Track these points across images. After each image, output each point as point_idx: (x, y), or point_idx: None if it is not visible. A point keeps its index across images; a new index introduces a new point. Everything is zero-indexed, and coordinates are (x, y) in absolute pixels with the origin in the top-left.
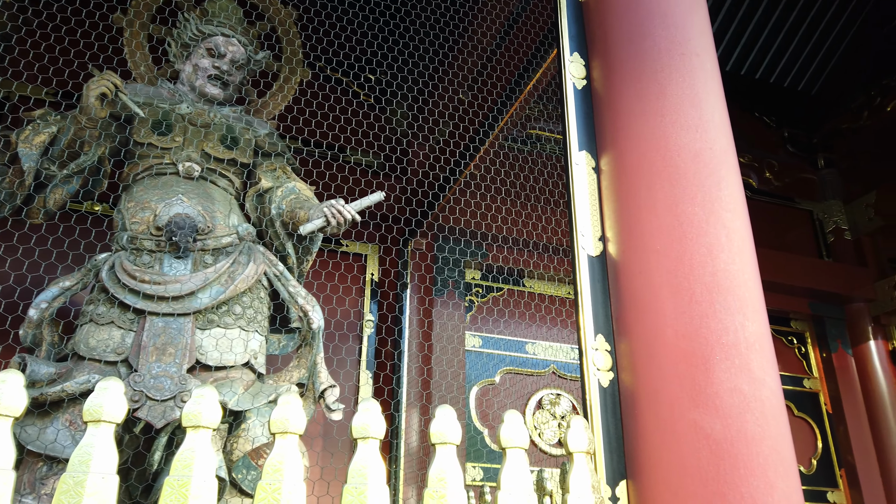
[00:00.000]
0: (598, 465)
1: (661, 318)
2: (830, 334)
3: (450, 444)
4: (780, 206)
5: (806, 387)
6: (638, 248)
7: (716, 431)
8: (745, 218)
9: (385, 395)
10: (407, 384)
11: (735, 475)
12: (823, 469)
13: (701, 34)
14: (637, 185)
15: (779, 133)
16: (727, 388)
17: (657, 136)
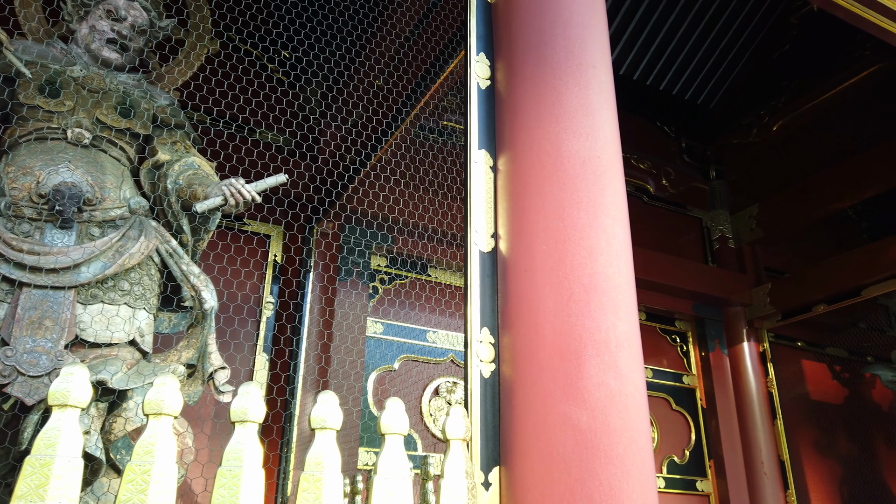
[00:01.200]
0: (473, 452)
1: (541, 314)
2: (709, 335)
3: (329, 429)
4: (673, 212)
5: (685, 383)
6: (526, 247)
7: (582, 423)
8: (625, 224)
9: (282, 379)
10: (304, 369)
11: (596, 463)
12: (695, 459)
13: (599, 48)
14: (529, 186)
15: (677, 143)
16: (596, 382)
17: (551, 141)
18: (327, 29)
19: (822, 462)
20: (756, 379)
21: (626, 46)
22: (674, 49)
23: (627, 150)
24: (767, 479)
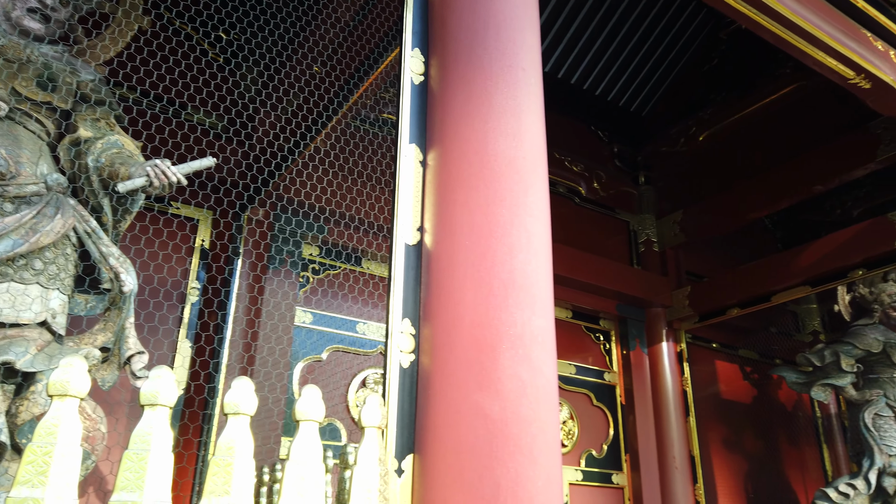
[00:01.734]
0: (388, 440)
1: (461, 307)
2: (631, 334)
3: (242, 414)
4: (603, 215)
5: (606, 380)
6: (450, 241)
7: (494, 413)
8: (546, 223)
9: (206, 367)
10: (229, 357)
11: (505, 452)
12: (612, 453)
13: (529, 51)
14: (456, 182)
15: (610, 148)
16: (509, 374)
17: (479, 139)
18: (266, 10)
19: (730, 458)
20: (672, 377)
21: (564, 51)
22: (610, 56)
23: (562, 152)
24: (678, 472)
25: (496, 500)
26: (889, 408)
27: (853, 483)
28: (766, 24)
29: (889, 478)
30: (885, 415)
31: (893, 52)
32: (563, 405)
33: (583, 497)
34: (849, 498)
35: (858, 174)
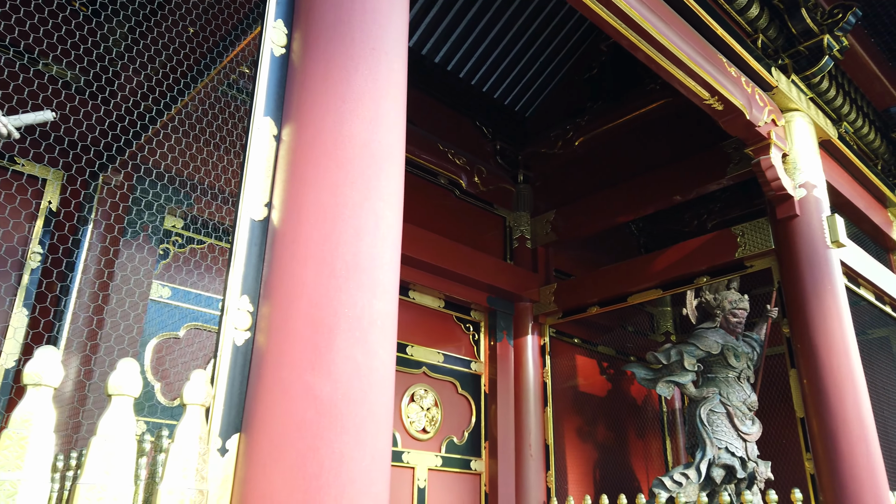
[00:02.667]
0: (213, 418)
1: (301, 286)
2: (499, 326)
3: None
4: (481, 209)
5: (472, 369)
6: (296, 219)
7: (324, 393)
8: (397, 209)
9: (43, 339)
10: (70, 330)
11: (331, 432)
12: (473, 440)
13: (395, 36)
14: (309, 161)
15: (493, 144)
16: (344, 356)
17: (335, 119)
18: None
19: (582, 446)
20: (535, 369)
21: (454, 44)
22: (499, 54)
23: (447, 144)
24: (533, 460)
25: (318, 479)
26: (722, 405)
27: (686, 473)
28: (636, 42)
29: (717, 468)
30: (718, 411)
31: (745, 79)
32: (428, 392)
33: (441, 482)
34: (681, 486)
35: (711, 188)
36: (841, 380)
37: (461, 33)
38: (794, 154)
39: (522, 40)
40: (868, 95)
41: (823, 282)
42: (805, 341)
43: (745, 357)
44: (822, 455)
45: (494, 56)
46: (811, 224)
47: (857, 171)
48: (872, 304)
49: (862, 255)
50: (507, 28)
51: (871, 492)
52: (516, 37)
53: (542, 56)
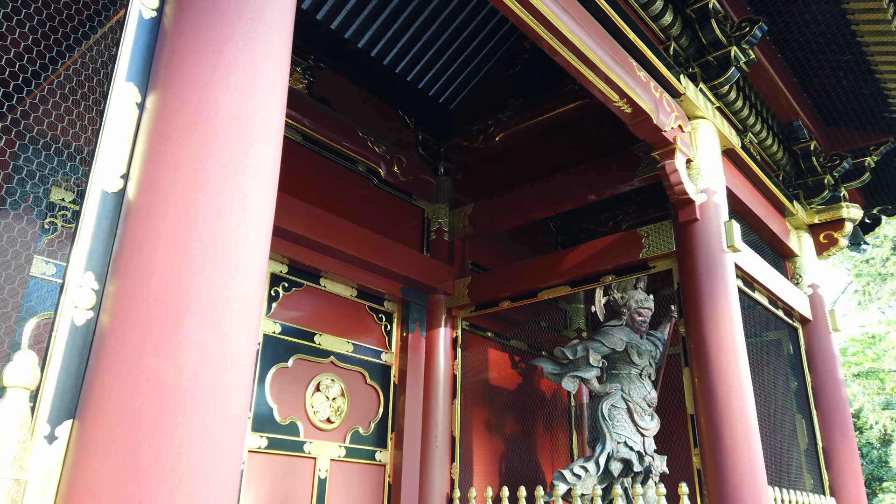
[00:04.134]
0: (42, 403)
1: (152, 265)
2: (412, 317)
3: None
4: (400, 199)
5: (383, 360)
6: (152, 193)
7: (168, 379)
8: (269, 189)
9: None
10: None
11: (172, 421)
12: (379, 431)
13: (278, 8)
14: (172, 132)
15: (415, 135)
16: (193, 340)
17: (203, 89)
18: None
19: (490, 439)
20: (445, 361)
21: (379, 30)
22: (425, 44)
23: (367, 131)
24: (438, 452)
25: (152, 470)
26: (623, 400)
27: (585, 466)
28: (560, 50)
29: (615, 462)
30: (619, 406)
31: (654, 84)
32: (335, 382)
33: (344, 473)
34: (580, 479)
35: (623, 189)
36: (729, 378)
37: (386, 19)
38: (697, 160)
39: (448, 31)
40: (773, 109)
41: (718, 284)
42: (698, 340)
43: (647, 355)
44: (707, 450)
45: (420, 45)
46: (710, 228)
47: (759, 180)
48: (766, 308)
49: (758, 261)
50: (433, 18)
51: (751, 486)
52: (442, 27)
53: (467, 49)
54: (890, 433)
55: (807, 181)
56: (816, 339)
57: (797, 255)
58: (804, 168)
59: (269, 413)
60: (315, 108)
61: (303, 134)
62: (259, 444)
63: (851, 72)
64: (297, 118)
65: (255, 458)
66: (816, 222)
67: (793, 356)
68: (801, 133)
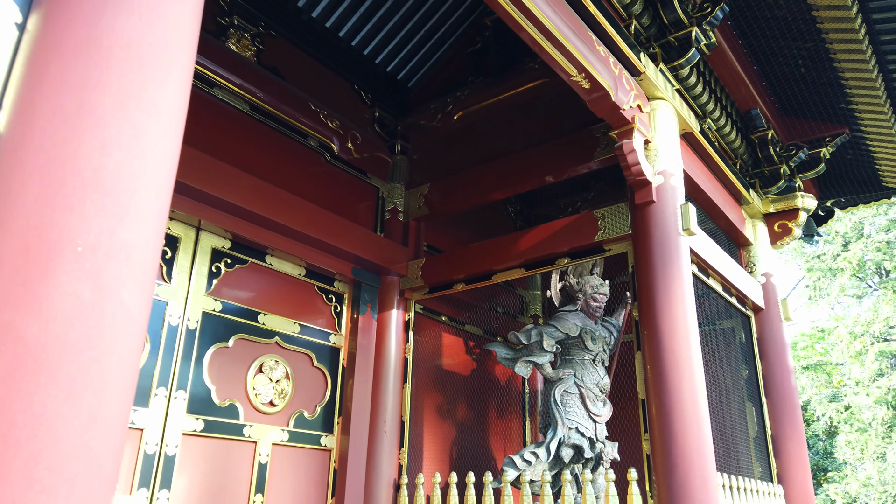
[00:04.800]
0: None
1: (20, 203)
2: (363, 299)
3: None
4: (353, 177)
5: (331, 342)
6: (27, 124)
7: (30, 335)
8: (170, 127)
9: None
10: None
11: (34, 382)
12: (326, 415)
13: None
14: (55, 57)
15: (371, 111)
16: (65, 291)
17: (95, 10)
18: None
19: (441, 425)
20: (397, 345)
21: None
22: (382, 17)
23: (319, 104)
24: (387, 437)
25: (6, 439)
26: (576, 386)
27: (536, 452)
28: (526, 27)
29: (566, 448)
30: (572, 392)
31: (613, 60)
32: (279, 364)
33: (286, 458)
34: (531, 464)
35: (580, 171)
36: (680, 363)
37: None
38: (655, 142)
39: (408, 5)
40: (733, 96)
41: (672, 267)
42: (650, 324)
43: (601, 341)
44: (657, 435)
45: (378, 18)
46: (666, 211)
47: (716, 167)
48: (720, 296)
49: (713, 247)
50: None
51: (700, 471)
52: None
53: (427, 24)
54: (836, 425)
55: (763, 170)
56: (768, 328)
57: (752, 243)
58: (761, 157)
59: (206, 395)
60: (264, 78)
61: (250, 104)
62: (195, 426)
63: (811, 60)
64: (244, 87)
65: (190, 442)
66: (772, 211)
67: (745, 344)
68: (759, 121)
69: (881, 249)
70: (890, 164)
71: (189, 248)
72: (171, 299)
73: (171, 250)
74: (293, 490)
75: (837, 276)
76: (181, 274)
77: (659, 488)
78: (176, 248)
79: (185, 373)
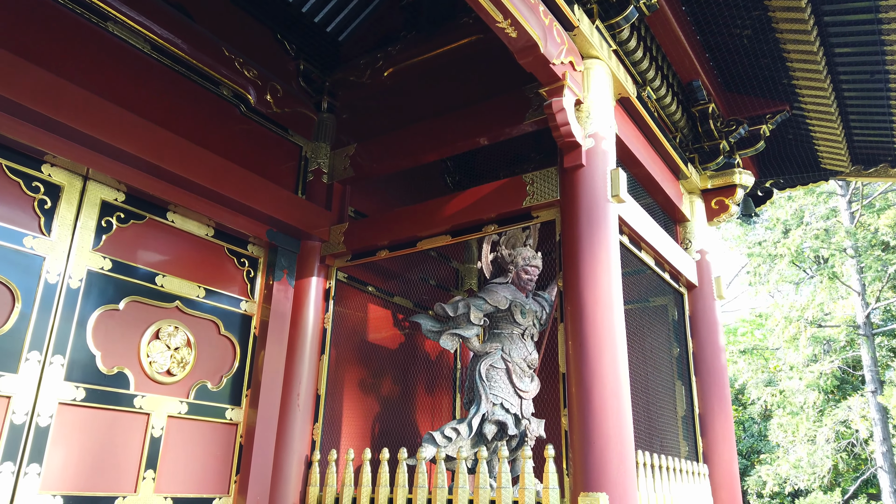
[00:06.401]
0: None
1: None
2: (280, 264)
3: None
4: (273, 133)
5: (242, 309)
6: None
7: None
8: None
9: None
10: None
11: None
12: (232, 387)
13: None
14: None
15: (295, 64)
16: None
17: None
18: None
19: (362, 399)
20: (315, 314)
21: None
22: None
23: (234, 51)
24: (300, 411)
25: None
26: (503, 361)
27: (457, 428)
28: None
29: (490, 424)
30: (498, 367)
31: (543, 9)
32: (179, 330)
33: (184, 431)
34: (451, 441)
35: (513, 133)
36: (602, 335)
37: None
38: (588, 103)
39: None
40: (675, 66)
41: (599, 235)
42: (573, 294)
43: (532, 315)
44: (575, 410)
45: None
46: (595, 176)
47: (655, 138)
48: (653, 270)
49: (645, 219)
50: None
51: (617, 448)
52: None
53: None
54: (770, 408)
55: (703, 145)
56: (701, 305)
57: (688, 219)
58: (701, 131)
59: (90, 361)
60: (169, 15)
61: (152, 43)
62: (74, 395)
63: (754, 30)
64: (144, 24)
65: (68, 412)
66: (709, 187)
67: (677, 322)
68: (700, 94)
69: (819, 237)
70: (829, 145)
71: (73, 199)
72: (49, 254)
73: (52, 200)
74: (192, 466)
75: (777, 262)
76: (63, 227)
77: (574, 465)
78: (58, 197)
79: (65, 336)
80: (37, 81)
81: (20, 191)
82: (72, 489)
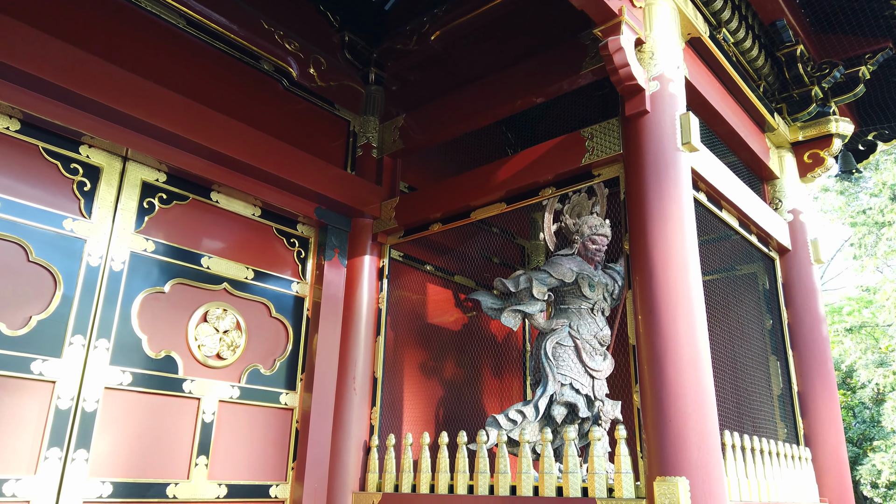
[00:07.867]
0: None
1: None
2: (330, 243)
3: None
4: (319, 108)
5: (294, 290)
6: None
7: None
8: None
9: None
10: None
11: None
12: (286, 371)
13: None
14: None
15: (340, 36)
16: None
17: None
18: None
19: (425, 383)
20: (370, 295)
21: None
22: None
23: (273, 23)
24: (356, 395)
25: None
26: (571, 338)
27: (523, 410)
28: None
29: (558, 406)
30: (566, 344)
31: None
32: (228, 312)
33: (237, 416)
34: (517, 424)
35: (569, 87)
36: (676, 299)
37: None
38: (651, 42)
39: None
40: (754, 5)
41: (669, 188)
42: (642, 256)
43: (601, 288)
44: (647, 385)
45: None
46: (662, 123)
47: (735, 86)
48: (736, 232)
49: (725, 173)
50: None
51: (697, 427)
52: None
53: None
54: (883, 392)
55: (791, 93)
56: (796, 271)
57: (778, 176)
58: (789, 77)
59: (135, 344)
60: None
61: (187, 18)
62: (120, 380)
63: None
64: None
65: (114, 396)
66: (801, 139)
67: (768, 291)
68: (786, 35)
69: None
70: None
71: (113, 180)
72: (91, 237)
73: (91, 182)
74: (246, 452)
75: (884, 231)
76: (103, 209)
77: (649, 447)
78: (97, 179)
79: (109, 320)
80: (70, 60)
81: (58, 173)
82: (122, 475)
